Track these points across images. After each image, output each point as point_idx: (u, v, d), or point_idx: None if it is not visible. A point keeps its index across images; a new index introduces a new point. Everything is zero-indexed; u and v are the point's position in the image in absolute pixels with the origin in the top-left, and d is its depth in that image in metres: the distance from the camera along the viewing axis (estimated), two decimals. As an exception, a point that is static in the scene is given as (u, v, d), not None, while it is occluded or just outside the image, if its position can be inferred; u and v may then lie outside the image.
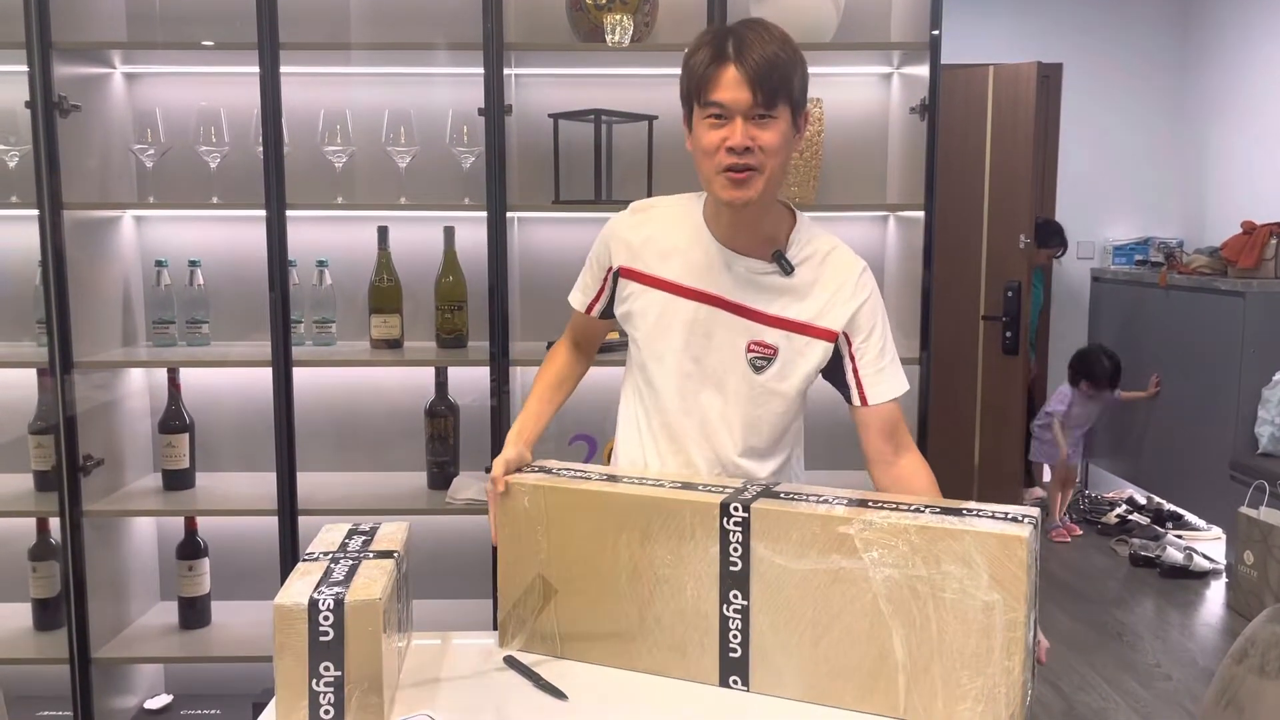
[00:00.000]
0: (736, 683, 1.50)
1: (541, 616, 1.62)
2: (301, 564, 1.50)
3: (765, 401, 1.70)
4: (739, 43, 1.53)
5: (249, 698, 2.66)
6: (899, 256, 2.81)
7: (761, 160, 1.55)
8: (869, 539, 1.39)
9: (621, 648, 1.57)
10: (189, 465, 2.78)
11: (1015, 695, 1.34)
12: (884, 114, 2.87)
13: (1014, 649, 1.33)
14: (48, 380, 2.62)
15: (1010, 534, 1.33)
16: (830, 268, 1.69)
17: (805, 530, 1.43)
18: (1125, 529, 4.95)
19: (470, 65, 2.55)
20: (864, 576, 1.40)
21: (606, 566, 1.56)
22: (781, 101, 1.55)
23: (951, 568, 1.35)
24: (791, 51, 1.56)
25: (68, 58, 2.55)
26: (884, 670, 1.41)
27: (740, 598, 1.48)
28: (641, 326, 1.73)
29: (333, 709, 1.37)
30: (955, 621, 1.36)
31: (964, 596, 1.35)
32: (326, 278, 2.75)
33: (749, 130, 1.54)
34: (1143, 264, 5.60)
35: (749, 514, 1.46)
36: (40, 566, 2.73)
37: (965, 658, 1.36)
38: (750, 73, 1.52)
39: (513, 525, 1.62)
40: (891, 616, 1.39)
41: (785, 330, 1.67)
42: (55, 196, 2.53)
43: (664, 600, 1.53)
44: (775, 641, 1.47)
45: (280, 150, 2.54)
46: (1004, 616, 1.33)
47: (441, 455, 2.76)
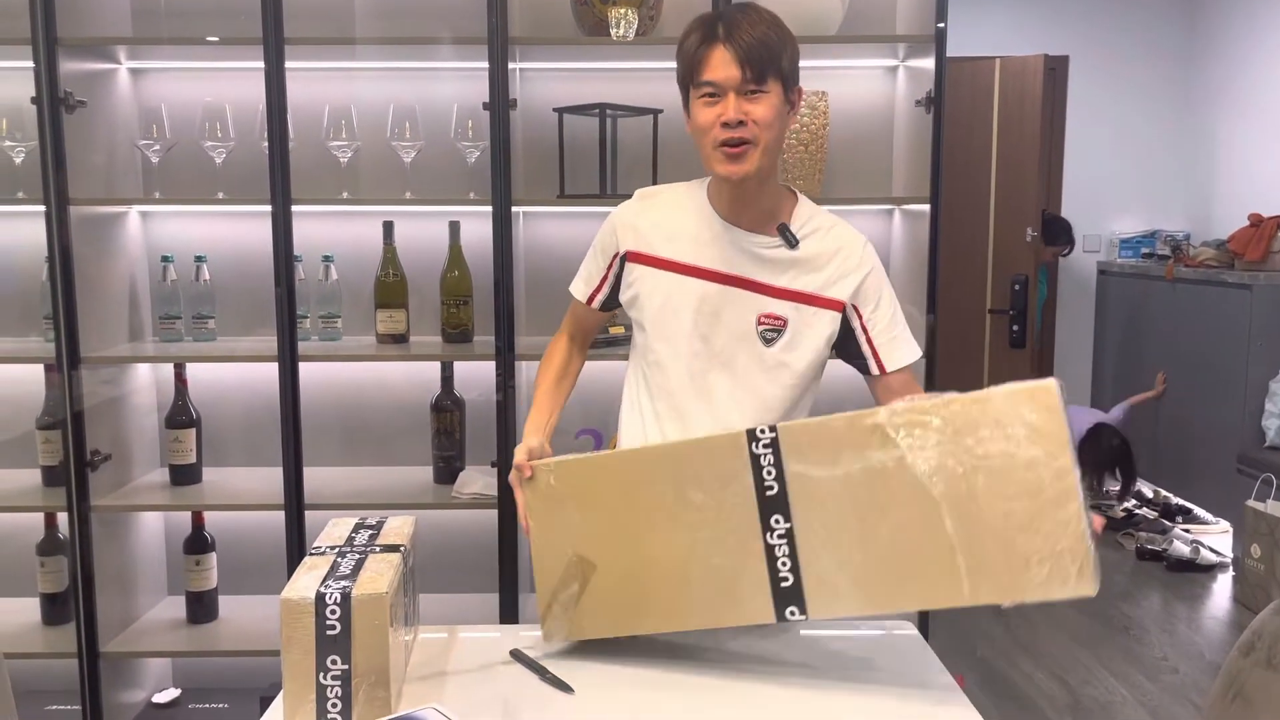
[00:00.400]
0: (794, 613, 1.47)
1: (584, 599, 1.59)
2: (308, 558, 1.50)
3: (776, 376, 1.71)
4: (728, 24, 1.60)
5: (257, 691, 2.67)
6: (905, 250, 2.80)
7: (756, 133, 1.60)
8: (899, 424, 1.38)
9: (673, 609, 1.55)
10: (196, 460, 2.78)
11: (1079, 548, 1.29)
12: (889, 107, 2.87)
13: (1066, 499, 1.30)
14: (55, 376, 2.63)
15: (1037, 386, 1.32)
16: (834, 240, 1.73)
17: (836, 434, 1.41)
18: (1132, 523, 4.94)
19: (475, 60, 2.55)
20: (902, 465, 1.38)
21: (643, 528, 1.54)
22: (771, 76, 1.60)
23: (987, 433, 1.33)
24: (781, 31, 1.62)
25: (73, 54, 2.55)
26: (940, 557, 1.37)
27: (782, 521, 1.45)
28: (649, 309, 1.74)
29: (340, 702, 1.37)
30: (1001, 486, 1.33)
31: (1005, 459, 1.32)
32: (332, 273, 2.76)
33: (741, 105, 1.59)
34: (1149, 257, 5.58)
35: (776, 433, 1.45)
36: (48, 561, 2.74)
37: (1019, 522, 1.32)
38: (739, 51, 1.58)
39: (542, 509, 1.60)
40: (938, 497, 1.36)
41: (794, 302, 1.70)
42: (61, 192, 2.53)
43: (706, 547, 1.50)
44: (825, 558, 1.44)
45: (285, 145, 2.54)
46: (1049, 469, 1.30)
47: (447, 450, 2.77)
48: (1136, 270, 5.51)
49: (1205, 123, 5.61)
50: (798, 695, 1.48)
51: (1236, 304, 4.62)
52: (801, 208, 1.74)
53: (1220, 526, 4.89)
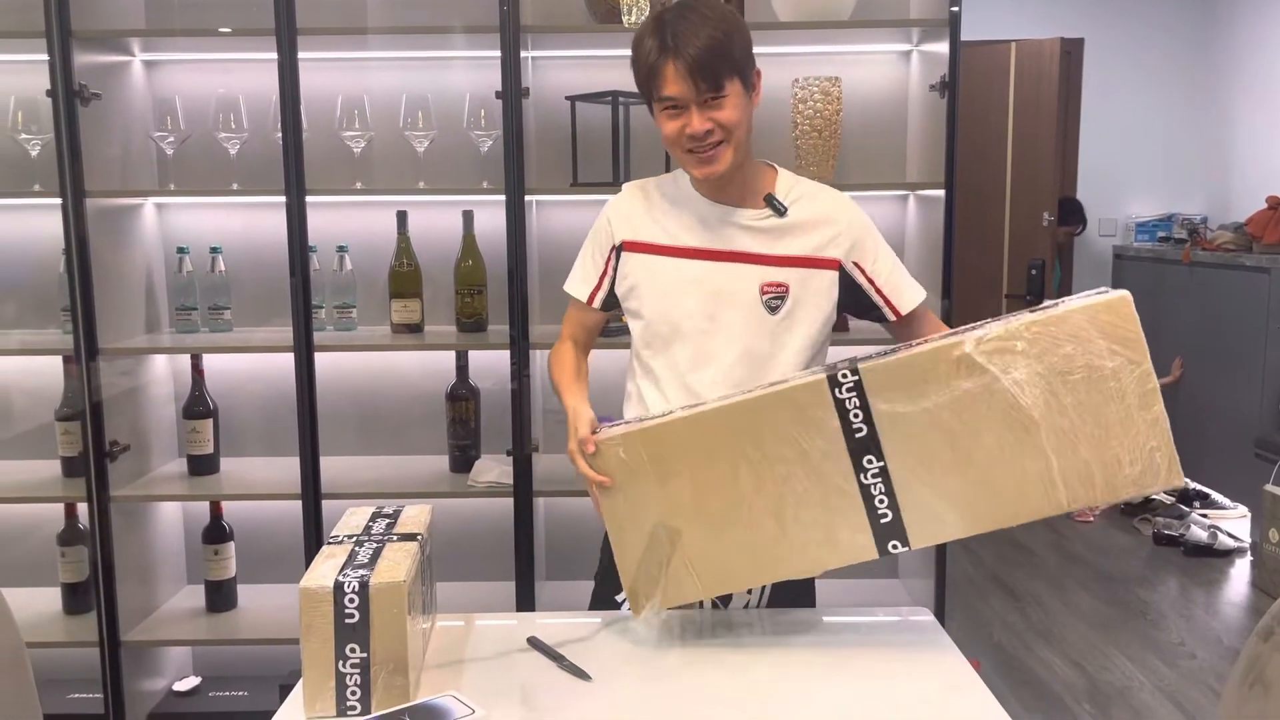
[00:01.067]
0: (896, 546, 1.50)
1: (673, 565, 1.57)
2: (326, 547, 1.51)
3: (785, 343, 1.72)
4: (674, 35, 1.59)
5: (276, 679, 2.69)
6: (919, 236, 2.79)
7: (723, 134, 1.64)
8: (987, 350, 1.42)
9: (770, 562, 1.55)
10: (213, 450, 2.80)
11: (1166, 444, 1.40)
12: (903, 92, 2.85)
13: (1150, 400, 1.40)
14: (73, 367, 2.65)
15: (1113, 298, 1.40)
16: (821, 204, 1.77)
17: (922, 368, 1.45)
18: (1149, 508, 4.92)
19: (487, 48, 2.55)
20: (992, 389, 1.43)
21: (727, 488, 1.52)
22: (726, 79, 1.61)
23: (1071, 349, 1.40)
24: (726, 24, 1.61)
25: (87, 46, 2.56)
26: (1037, 470, 1.43)
27: (875, 460, 1.48)
28: (650, 297, 1.75)
29: (359, 689, 1.39)
30: (1090, 397, 1.41)
31: (1091, 371, 1.40)
32: (347, 263, 2.76)
33: (704, 115, 1.62)
34: (1166, 241, 5.54)
35: (859, 375, 1.46)
36: (69, 551, 2.76)
37: (1109, 426, 1.41)
38: (689, 65, 1.58)
39: (614, 483, 1.56)
40: (1030, 416, 1.42)
41: (792, 267, 1.73)
42: (77, 185, 2.54)
43: (796, 497, 1.51)
44: (923, 489, 1.47)
45: (299, 136, 2.55)
46: (1132, 375, 1.39)
47: (463, 438, 2.78)
48: (1153, 254, 5.47)
49: (1222, 104, 5.56)
50: (813, 681, 1.49)
51: (1254, 287, 4.58)
52: (783, 178, 1.79)
53: (1238, 511, 4.86)
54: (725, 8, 1.64)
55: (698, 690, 1.48)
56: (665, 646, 1.60)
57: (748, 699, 1.45)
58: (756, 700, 1.44)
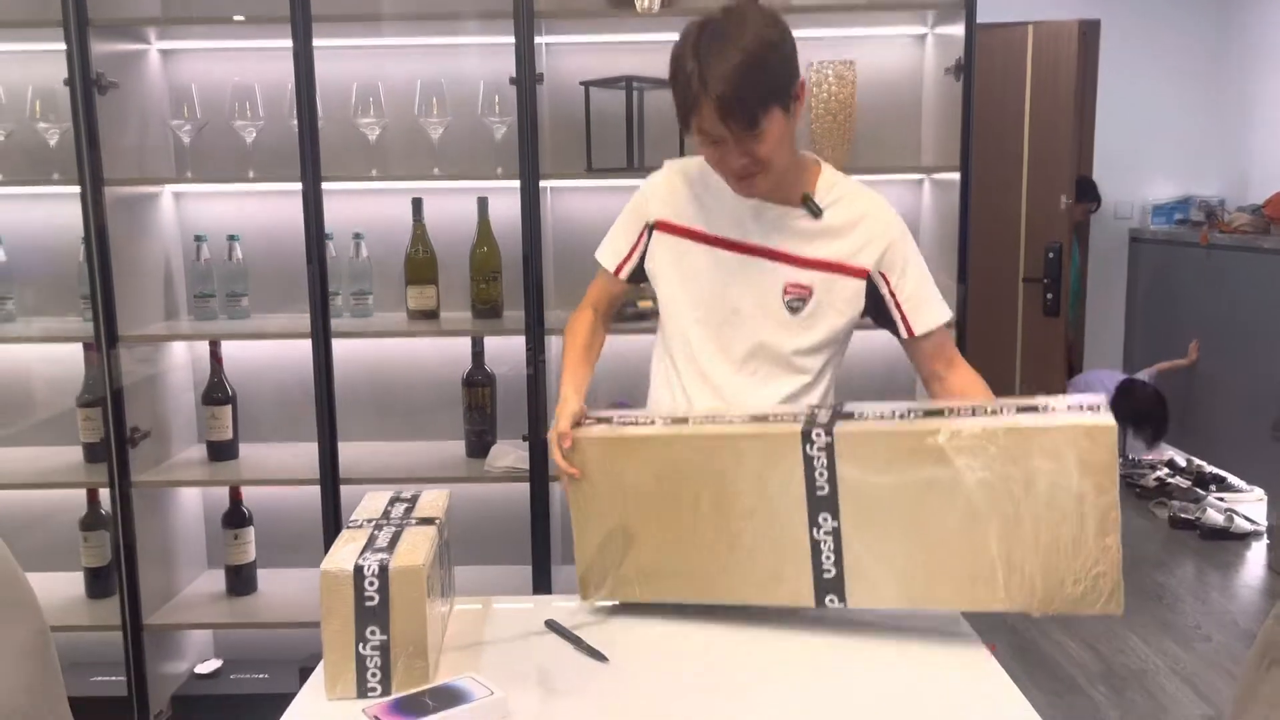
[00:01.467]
0: (833, 601, 1.53)
1: (624, 565, 1.62)
2: (346, 531, 1.53)
3: (802, 344, 1.73)
4: (704, 70, 1.51)
5: (296, 662, 2.72)
6: (934, 219, 2.78)
7: (760, 166, 1.60)
8: (959, 446, 1.42)
9: (710, 583, 1.59)
10: (232, 436, 2.83)
11: (1114, 573, 1.39)
12: (918, 75, 2.84)
13: (1109, 528, 1.38)
14: (93, 354, 2.67)
15: (1097, 424, 1.37)
16: (859, 209, 1.73)
17: (892, 446, 1.45)
18: (1165, 492, 4.91)
19: (501, 34, 2.55)
20: (956, 482, 1.42)
21: (688, 508, 1.57)
22: (762, 115, 1.54)
23: (1042, 463, 1.39)
24: (760, 56, 1.51)
25: (104, 35, 2.58)
26: (981, 569, 1.44)
27: (830, 520, 1.49)
28: (675, 279, 1.76)
29: (379, 672, 1.40)
30: (1049, 512, 1.39)
31: (1055, 489, 1.39)
32: (363, 250, 2.78)
33: (740, 150, 1.57)
34: (1183, 223, 5.50)
35: (832, 437, 1.47)
36: (91, 536, 2.79)
37: (1061, 545, 1.40)
38: (720, 108, 1.52)
39: (585, 479, 1.62)
40: (986, 517, 1.42)
41: (819, 271, 1.71)
42: (96, 173, 2.56)
43: (752, 533, 1.54)
44: (869, 557, 1.49)
45: (314, 124, 2.56)
46: (1096, 503, 1.37)
47: (479, 424, 2.79)
48: (1170, 237, 5.43)
49: (1240, 85, 5.51)
50: (829, 664, 1.50)
51: (1272, 270, 4.55)
52: (825, 176, 1.75)
53: (1254, 494, 4.84)
54: (764, 23, 1.55)
55: (713, 673, 1.49)
56: (682, 629, 1.61)
57: (763, 682, 1.46)
58: (772, 683, 1.45)
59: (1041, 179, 4.68)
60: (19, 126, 2.69)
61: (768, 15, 1.58)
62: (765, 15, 1.57)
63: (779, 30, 1.57)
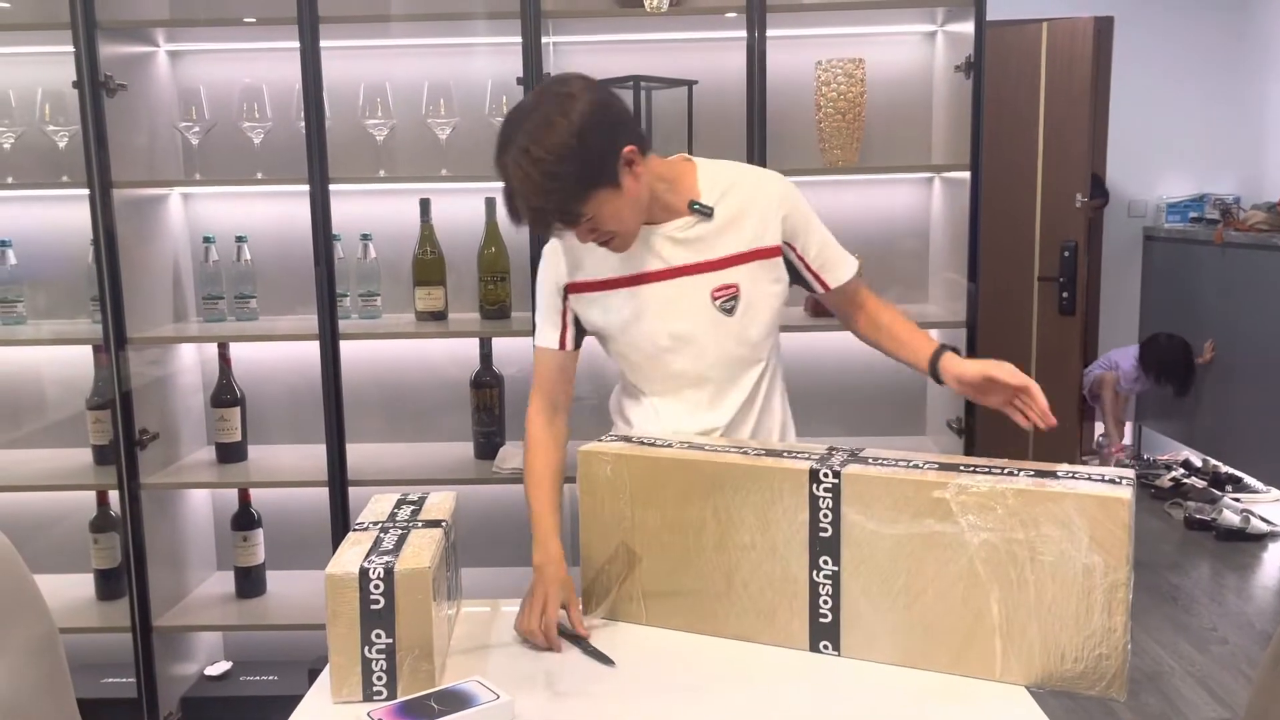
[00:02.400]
0: (827, 647, 1.51)
1: (626, 584, 1.63)
2: (352, 534, 1.52)
3: (744, 338, 1.75)
4: (510, 184, 1.53)
5: (305, 664, 2.71)
6: (945, 218, 2.76)
7: (609, 233, 1.62)
8: (965, 503, 1.38)
9: (708, 613, 1.58)
10: (241, 438, 2.82)
11: (1118, 656, 1.34)
12: (928, 73, 2.82)
13: (1116, 608, 1.33)
14: (103, 356, 2.68)
15: (1111, 496, 1.32)
16: (746, 190, 1.75)
17: (898, 495, 1.42)
18: (1180, 492, 4.87)
19: (509, 34, 2.54)
20: (959, 540, 1.39)
21: (692, 534, 1.57)
22: (580, 209, 1.55)
23: (1050, 530, 1.34)
24: (558, 161, 1.48)
25: (112, 37, 2.58)
26: (980, 632, 1.40)
27: (831, 563, 1.48)
28: (611, 329, 1.77)
29: (385, 675, 1.40)
30: (1054, 583, 1.35)
31: (1063, 559, 1.34)
32: (371, 251, 2.77)
33: (583, 231, 1.60)
34: (1198, 221, 5.46)
35: (839, 480, 1.46)
36: (101, 538, 2.80)
37: (1065, 619, 1.35)
38: (534, 222, 1.58)
39: (595, 494, 1.63)
40: (988, 579, 1.39)
41: (738, 265, 1.73)
42: (104, 175, 2.57)
43: (751, 566, 1.53)
44: (867, 606, 1.47)
45: (322, 125, 2.56)
46: (1105, 578, 1.33)
47: (487, 425, 2.78)
48: (1184, 235, 5.39)
49: (1255, 82, 5.46)
50: (842, 671, 1.48)
51: (1288, 268, 4.51)
52: (703, 173, 1.75)
53: (1271, 495, 4.80)
54: (567, 113, 1.50)
55: (722, 678, 1.47)
56: (690, 632, 1.60)
57: (772, 685, 1.45)
58: (782, 685, 1.44)
59: (1056, 177, 4.65)
60: (28, 129, 2.70)
61: (565, 103, 1.52)
62: (564, 104, 1.51)
63: (582, 115, 1.51)
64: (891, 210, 2.88)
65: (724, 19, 2.58)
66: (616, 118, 1.58)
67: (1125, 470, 1.41)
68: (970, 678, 1.41)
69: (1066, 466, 1.43)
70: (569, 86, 1.55)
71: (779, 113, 2.65)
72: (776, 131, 2.59)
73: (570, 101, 1.52)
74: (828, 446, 1.58)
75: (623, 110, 1.62)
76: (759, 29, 2.47)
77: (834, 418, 2.87)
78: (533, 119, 1.51)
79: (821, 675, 1.46)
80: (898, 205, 2.89)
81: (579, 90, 1.54)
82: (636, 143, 1.58)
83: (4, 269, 2.78)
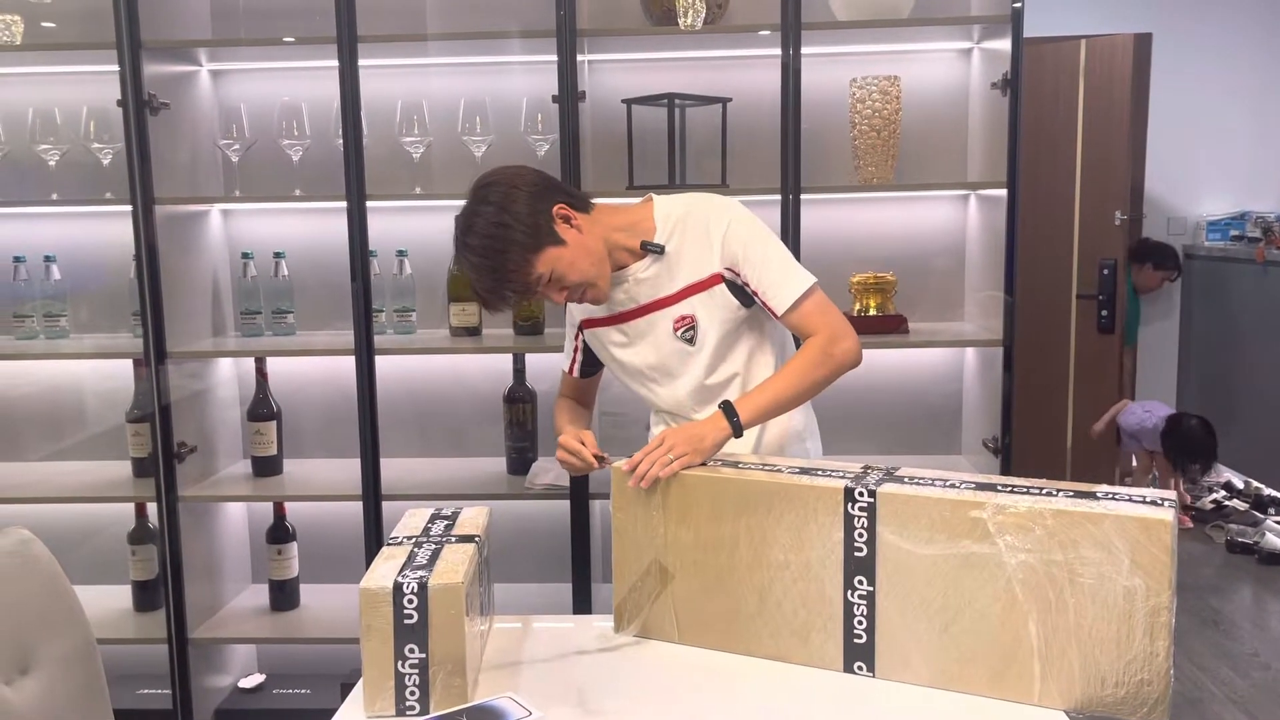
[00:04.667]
0: (861, 669, 1.49)
1: (659, 602, 1.62)
2: (386, 548, 1.53)
3: (713, 367, 1.83)
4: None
5: (338, 678, 2.72)
6: (981, 236, 2.74)
7: (577, 286, 1.72)
8: (1003, 523, 1.37)
9: (741, 632, 1.57)
10: (277, 452, 2.85)
11: (1160, 683, 1.32)
12: (964, 91, 2.81)
13: (1158, 633, 1.31)
14: (143, 370, 2.71)
15: (1153, 518, 1.30)
16: (690, 223, 1.80)
17: (934, 515, 1.41)
18: (1222, 514, 4.78)
19: (544, 53, 2.56)
20: (997, 561, 1.38)
21: (725, 552, 1.56)
22: (529, 276, 1.68)
23: (1090, 553, 1.33)
24: (493, 245, 1.66)
25: (156, 57, 2.62)
26: (1018, 655, 1.38)
27: (865, 583, 1.47)
28: (610, 361, 1.92)
29: (418, 690, 1.40)
30: (1094, 606, 1.33)
31: (1103, 581, 1.32)
32: (406, 267, 2.79)
33: (549, 292, 1.73)
34: (1238, 239, 5.39)
35: (874, 499, 1.45)
36: (139, 550, 2.83)
37: (1105, 643, 1.33)
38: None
39: (629, 510, 1.63)
40: (1026, 601, 1.37)
41: (691, 296, 1.79)
42: (147, 192, 2.61)
43: (785, 585, 1.52)
44: (902, 627, 1.45)
45: (360, 142, 2.58)
46: (1147, 602, 1.31)
47: (520, 441, 2.79)
48: (1225, 254, 5.32)
49: (1298, 99, 5.39)
50: (877, 692, 1.47)
51: (1332, 287, 4.43)
52: (659, 210, 1.82)
53: (1316, 518, 4.70)
54: (484, 215, 1.68)
55: (754, 697, 1.46)
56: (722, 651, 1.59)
57: (806, 706, 1.43)
58: (815, 706, 1.43)
59: (1094, 194, 4.60)
60: (73, 147, 2.75)
61: (485, 193, 1.70)
62: (484, 194, 1.70)
63: (501, 195, 1.68)
64: (927, 228, 2.87)
65: (758, 36, 2.58)
66: (538, 187, 1.71)
67: (1167, 492, 1.38)
68: (1008, 701, 1.39)
69: (1106, 487, 1.41)
70: (485, 180, 1.73)
71: (813, 130, 2.64)
72: (811, 149, 2.59)
73: (488, 190, 1.70)
74: (862, 465, 1.57)
75: (544, 180, 1.75)
76: (794, 46, 2.47)
77: (868, 436, 2.85)
78: (462, 221, 1.71)
79: (856, 697, 1.45)
80: (933, 223, 2.87)
81: (494, 180, 1.72)
82: (566, 201, 1.72)
83: (48, 284, 2.83)
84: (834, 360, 1.72)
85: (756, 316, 1.82)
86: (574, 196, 1.77)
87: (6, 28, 2.64)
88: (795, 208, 2.53)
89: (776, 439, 1.87)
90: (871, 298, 2.72)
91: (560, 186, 1.78)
